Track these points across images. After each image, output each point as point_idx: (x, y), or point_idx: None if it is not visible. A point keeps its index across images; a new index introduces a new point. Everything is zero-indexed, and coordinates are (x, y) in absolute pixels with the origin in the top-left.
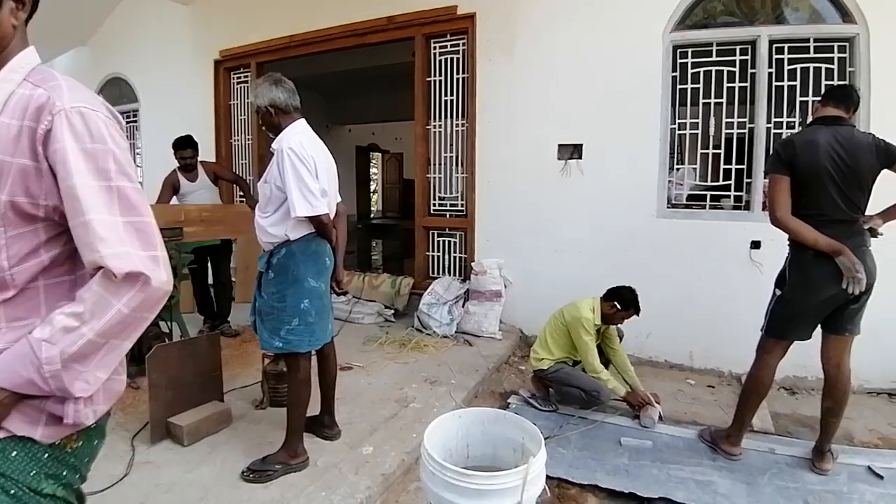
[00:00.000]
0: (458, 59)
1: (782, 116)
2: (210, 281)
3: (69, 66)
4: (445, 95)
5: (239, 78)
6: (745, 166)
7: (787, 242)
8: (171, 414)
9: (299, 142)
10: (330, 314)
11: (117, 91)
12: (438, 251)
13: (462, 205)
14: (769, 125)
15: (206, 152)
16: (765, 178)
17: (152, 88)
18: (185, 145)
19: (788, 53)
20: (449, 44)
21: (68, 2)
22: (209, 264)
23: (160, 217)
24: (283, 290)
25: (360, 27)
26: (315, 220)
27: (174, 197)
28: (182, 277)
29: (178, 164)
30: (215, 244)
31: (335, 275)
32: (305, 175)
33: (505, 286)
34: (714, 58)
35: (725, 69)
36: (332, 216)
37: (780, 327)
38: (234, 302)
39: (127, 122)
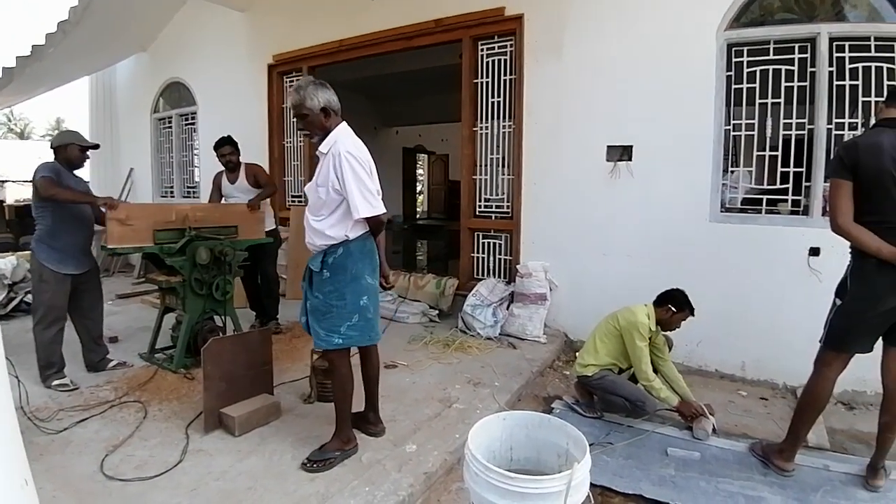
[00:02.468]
0: (505, 60)
1: (844, 117)
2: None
3: (131, 71)
4: (492, 97)
5: (291, 81)
6: (803, 169)
7: (849, 250)
8: (224, 405)
9: (354, 145)
10: (378, 312)
11: (177, 94)
12: (483, 253)
13: (508, 206)
14: (830, 126)
15: (260, 154)
16: (825, 181)
17: (209, 92)
18: (221, 143)
19: (850, 52)
20: (496, 45)
21: (130, 11)
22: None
23: (151, 216)
24: (342, 289)
25: (409, 31)
26: (374, 220)
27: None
28: (236, 274)
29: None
30: (261, 243)
31: (382, 271)
32: (364, 177)
33: (550, 289)
34: (771, 56)
35: (783, 68)
36: None
37: (840, 339)
38: (283, 298)
39: (185, 125)
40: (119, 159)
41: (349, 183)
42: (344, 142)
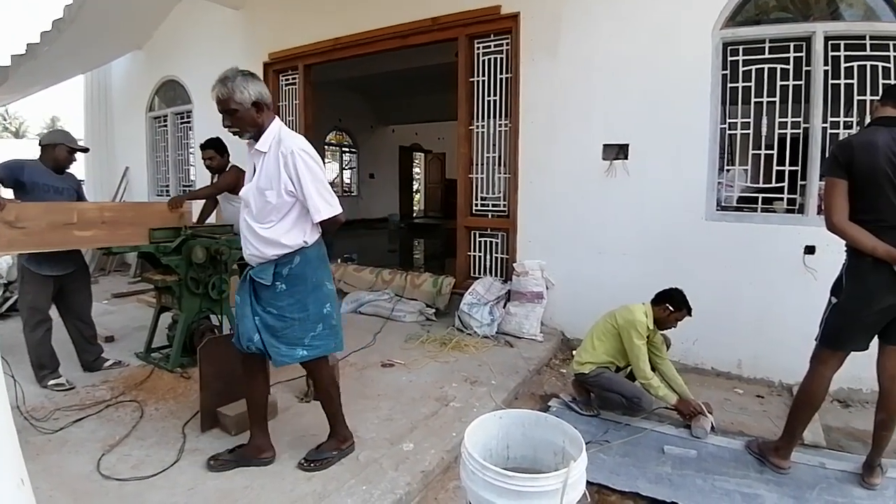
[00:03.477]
0: (501, 59)
1: (839, 116)
2: None
3: (126, 69)
4: (488, 96)
5: (287, 80)
6: (799, 168)
7: (845, 249)
8: (221, 404)
9: (304, 141)
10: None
11: (172, 93)
12: (480, 251)
13: (504, 205)
14: (825, 125)
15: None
16: (820, 180)
17: (204, 90)
18: (204, 146)
19: (845, 51)
20: (492, 44)
21: (125, 8)
22: None
23: (46, 217)
24: (303, 300)
25: (405, 29)
26: (333, 221)
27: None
28: (232, 273)
29: None
30: None
31: None
32: (322, 176)
33: (547, 288)
34: (766, 55)
35: (779, 67)
36: None
37: (836, 337)
38: None
39: (181, 123)
40: (114, 158)
41: (307, 183)
42: (292, 139)
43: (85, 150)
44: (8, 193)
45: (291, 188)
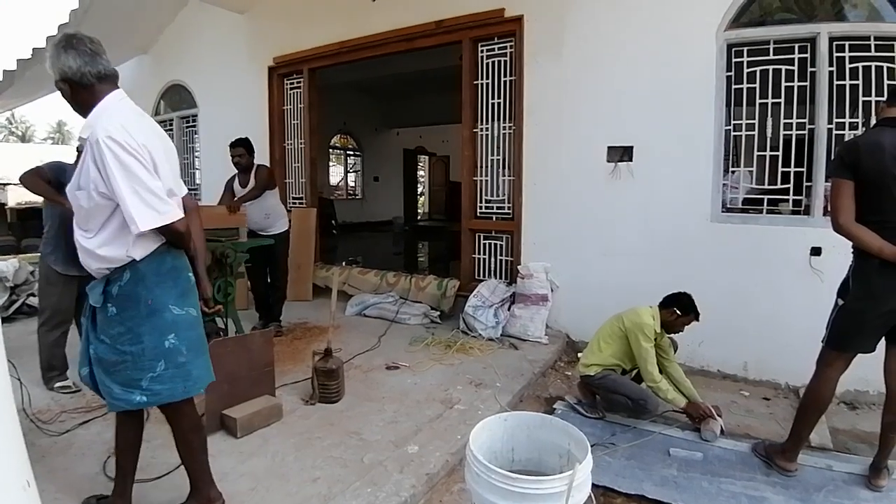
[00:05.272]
0: (505, 61)
1: (844, 117)
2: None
3: (132, 74)
4: (492, 98)
5: (292, 84)
6: (804, 169)
7: (851, 250)
8: (226, 406)
9: (120, 126)
10: (206, 346)
11: (178, 97)
12: (485, 254)
13: (509, 208)
14: (830, 126)
15: (261, 156)
16: (826, 181)
17: (209, 94)
18: (234, 144)
19: (850, 51)
20: (496, 47)
21: (131, 12)
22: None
23: None
24: (135, 328)
25: (409, 32)
26: (167, 231)
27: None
28: (238, 276)
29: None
30: (271, 245)
31: (202, 292)
32: (140, 172)
33: (552, 290)
34: (771, 56)
35: (783, 68)
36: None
37: (843, 339)
38: (286, 300)
39: (186, 127)
40: None
41: (117, 183)
42: (106, 121)
43: None
44: None
45: (104, 189)
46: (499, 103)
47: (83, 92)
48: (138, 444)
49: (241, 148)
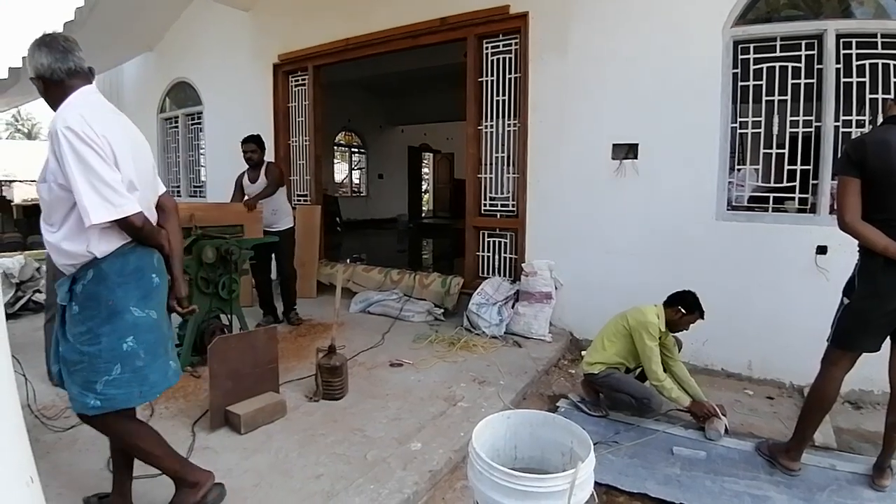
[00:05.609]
0: (510, 58)
1: (851, 114)
2: (274, 276)
3: (138, 71)
4: (497, 95)
5: (297, 81)
6: (811, 167)
7: (857, 249)
8: (230, 403)
9: (80, 116)
10: (170, 349)
11: (183, 94)
12: (489, 251)
13: (513, 205)
14: (837, 123)
15: (266, 153)
16: (833, 179)
17: (214, 91)
18: (246, 140)
19: (857, 49)
20: (501, 44)
21: (136, 10)
22: (273, 261)
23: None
24: (95, 329)
25: (414, 29)
26: (124, 225)
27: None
28: (242, 273)
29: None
30: (277, 241)
31: (173, 292)
32: (96, 163)
33: (556, 288)
34: (778, 53)
35: (790, 65)
36: (152, 215)
37: (848, 338)
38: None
39: (191, 125)
40: None
41: (72, 174)
42: (67, 113)
43: None
44: None
45: (62, 180)
46: (504, 100)
47: (54, 87)
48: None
49: (253, 144)
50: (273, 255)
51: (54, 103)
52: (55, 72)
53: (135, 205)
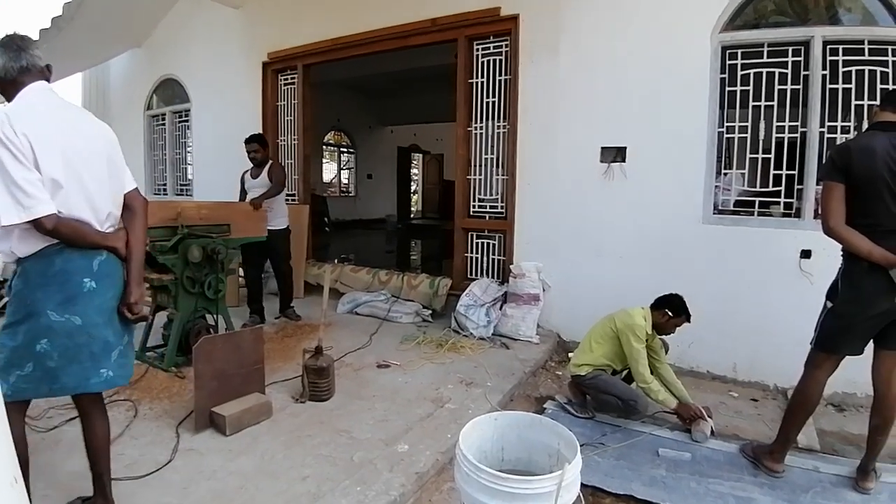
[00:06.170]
0: (500, 60)
1: (837, 120)
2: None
3: (125, 68)
4: (487, 97)
5: (286, 80)
6: (796, 172)
7: (841, 253)
8: (215, 404)
9: (4, 115)
10: (95, 355)
11: (170, 92)
12: (477, 253)
13: (502, 207)
14: (823, 129)
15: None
16: (818, 184)
17: (203, 89)
18: (249, 140)
19: (843, 55)
20: (492, 45)
21: (125, 6)
22: (268, 260)
23: (154, 213)
24: (15, 325)
25: (404, 29)
26: (36, 226)
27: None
28: (228, 272)
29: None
30: (269, 240)
31: (125, 296)
32: (9, 163)
33: (543, 290)
34: (765, 59)
35: (777, 71)
36: (103, 213)
37: (831, 341)
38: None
39: (179, 122)
40: None
41: None
42: None
43: None
44: None
45: None
46: (493, 102)
47: (8, 86)
48: (99, 442)
49: (256, 143)
50: (268, 255)
51: (9, 100)
52: (8, 70)
53: (47, 206)
